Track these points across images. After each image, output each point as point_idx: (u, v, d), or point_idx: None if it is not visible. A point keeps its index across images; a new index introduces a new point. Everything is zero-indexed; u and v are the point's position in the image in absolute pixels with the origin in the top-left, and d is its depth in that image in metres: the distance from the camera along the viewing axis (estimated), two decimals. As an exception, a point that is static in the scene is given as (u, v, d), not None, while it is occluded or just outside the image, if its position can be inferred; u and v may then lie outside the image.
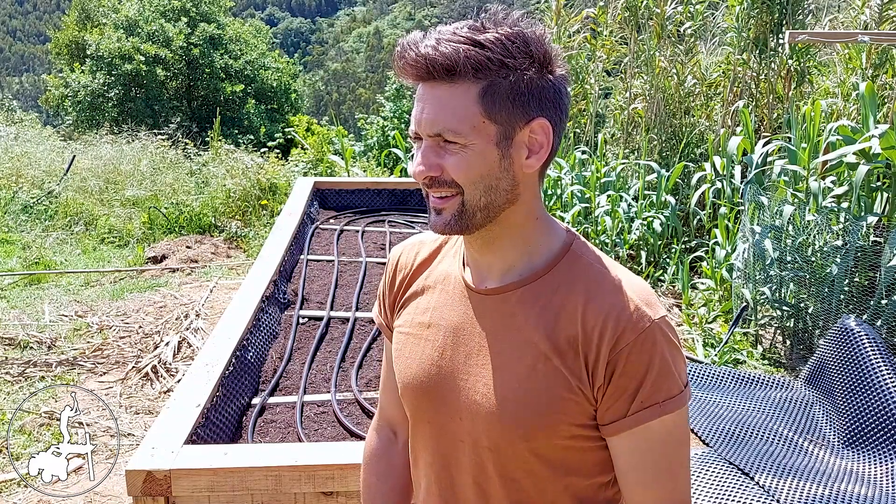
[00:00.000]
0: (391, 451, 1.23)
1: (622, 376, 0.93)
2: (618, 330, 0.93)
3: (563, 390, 0.96)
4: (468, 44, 0.90)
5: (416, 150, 0.97)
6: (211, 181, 8.18)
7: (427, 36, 0.92)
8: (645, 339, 0.93)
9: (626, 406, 0.94)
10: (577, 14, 8.59)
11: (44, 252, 6.27)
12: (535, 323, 0.98)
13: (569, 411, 0.96)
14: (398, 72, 0.95)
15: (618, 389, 0.94)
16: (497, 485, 1.02)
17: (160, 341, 4.32)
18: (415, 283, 1.12)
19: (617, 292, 0.96)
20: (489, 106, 0.91)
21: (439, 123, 0.92)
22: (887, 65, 6.10)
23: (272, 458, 1.60)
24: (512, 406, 0.97)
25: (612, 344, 0.93)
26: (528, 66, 0.92)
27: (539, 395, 0.96)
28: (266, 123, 20.00)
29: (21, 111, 15.37)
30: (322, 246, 3.61)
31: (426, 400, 1.06)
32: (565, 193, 6.71)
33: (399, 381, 1.11)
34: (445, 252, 1.12)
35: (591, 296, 0.96)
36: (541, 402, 0.96)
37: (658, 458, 0.97)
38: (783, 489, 2.99)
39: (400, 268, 1.15)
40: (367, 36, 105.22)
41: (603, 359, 0.93)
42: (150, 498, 1.55)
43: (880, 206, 4.50)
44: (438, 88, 0.91)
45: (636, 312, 0.94)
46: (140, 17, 19.64)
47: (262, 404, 2.08)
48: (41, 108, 26.42)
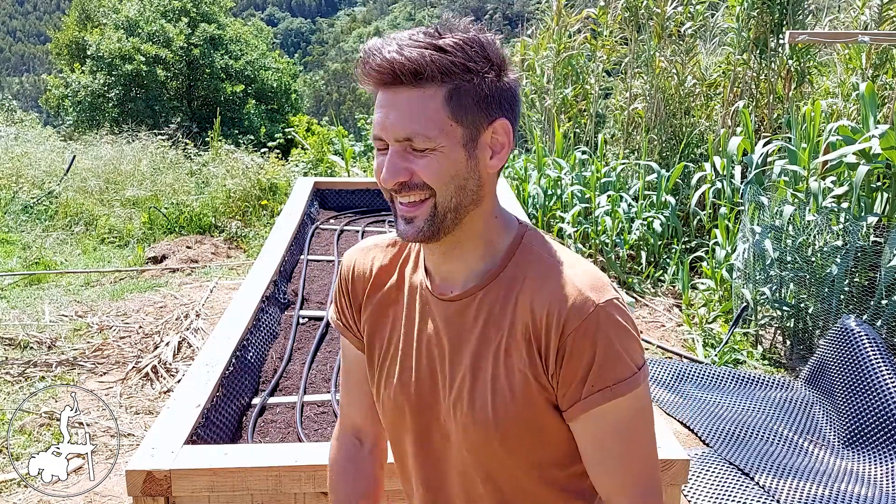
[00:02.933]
0: (358, 457, 1.23)
1: (570, 362, 0.95)
2: (562, 317, 0.95)
3: (525, 383, 0.98)
4: (431, 49, 0.91)
5: (379, 157, 0.97)
6: (211, 181, 8.18)
7: (387, 42, 0.92)
8: (589, 324, 0.94)
9: (579, 391, 0.96)
10: (578, 14, 8.59)
11: (44, 252, 6.27)
12: (495, 322, 1.01)
13: (535, 402, 0.99)
14: (362, 79, 0.95)
15: (568, 375, 0.96)
16: (480, 487, 1.05)
17: (160, 341, 4.32)
18: (378, 292, 1.13)
19: (562, 280, 0.98)
20: (455, 109, 0.92)
21: (408, 128, 0.92)
22: (887, 65, 6.10)
23: (272, 458, 1.60)
24: (485, 407, 1.00)
25: (559, 331, 0.95)
26: (489, 70, 0.94)
27: (506, 392, 0.99)
28: (266, 124, 20.01)
29: (21, 111, 15.38)
30: (322, 246, 3.61)
31: (408, 411, 1.08)
32: (565, 193, 6.71)
33: (376, 393, 1.13)
34: (404, 258, 1.12)
35: (539, 286, 0.99)
36: (509, 399, 0.99)
37: (617, 442, 0.98)
38: (783, 489, 2.99)
39: (357, 275, 1.15)
40: (367, 36, 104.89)
41: (553, 346, 0.96)
42: (150, 498, 1.55)
43: (880, 206, 4.50)
44: (404, 93, 0.92)
45: (579, 298, 0.95)
46: (140, 18, 19.65)
47: (262, 404, 2.08)
48: (41, 108, 26.42)
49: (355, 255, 1.17)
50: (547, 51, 8.56)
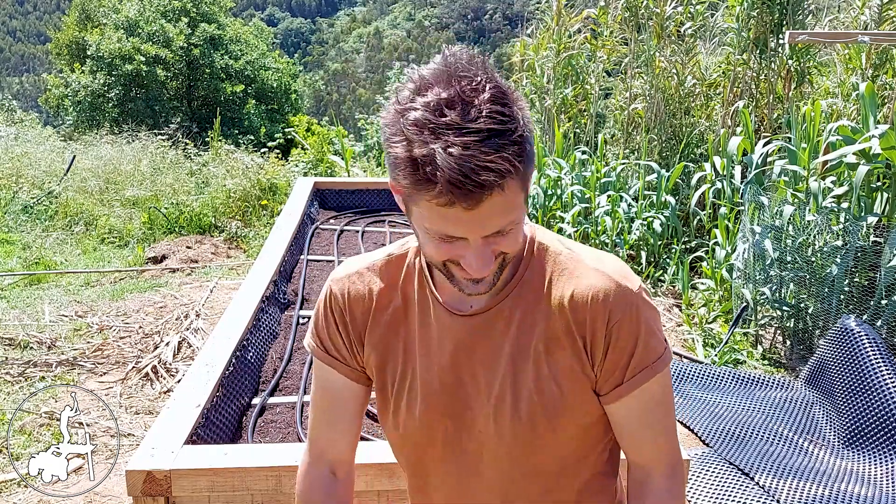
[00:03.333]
0: (336, 491, 1.17)
1: (615, 349, 1.00)
2: (607, 308, 0.99)
3: (573, 378, 1.02)
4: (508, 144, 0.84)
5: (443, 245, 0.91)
6: (211, 181, 8.18)
7: (462, 158, 0.81)
8: (632, 313, 0.99)
9: (623, 374, 1.01)
10: (578, 14, 8.59)
11: (44, 252, 6.27)
12: (528, 326, 1.02)
13: (582, 392, 1.03)
14: (445, 202, 0.84)
15: (613, 362, 1.01)
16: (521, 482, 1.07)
17: (160, 341, 4.32)
18: (383, 315, 1.08)
19: (596, 273, 1.01)
20: (526, 182, 0.91)
21: (498, 225, 0.89)
22: (887, 65, 6.10)
23: (272, 458, 1.60)
24: (533, 409, 1.02)
25: (605, 322, 0.99)
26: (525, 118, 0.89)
27: (554, 390, 1.02)
28: (266, 124, 20.02)
29: (21, 111, 15.40)
30: (322, 246, 3.61)
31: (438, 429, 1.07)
32: (565, 193, 6.71)
33: (392, 418, 1.10)
34: (404, 277, 1.09)
35: (571, 282, 1.01)
36: (558, 396, 1.02)
37: (657, 415, 1.06)
38: (783, 489, 2.99)
39: (354, 301, 1.09)
40: (367, 36, 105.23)
41: (599, 337, 1.00)
42: (150, 498, 1.55)
43: (880, 206, 4.50)
44: (488, 201, 0.85)
45: (619, 289, 0.99)
46: (140, 18, 19.66)
47: (262, 404, 2.08)
48: (41, 108, 26.43)
49: (345, 282, 1.11)
50: (547, 51, 8.55)
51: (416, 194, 0.86)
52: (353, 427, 1.16)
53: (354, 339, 1.10)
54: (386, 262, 1.10)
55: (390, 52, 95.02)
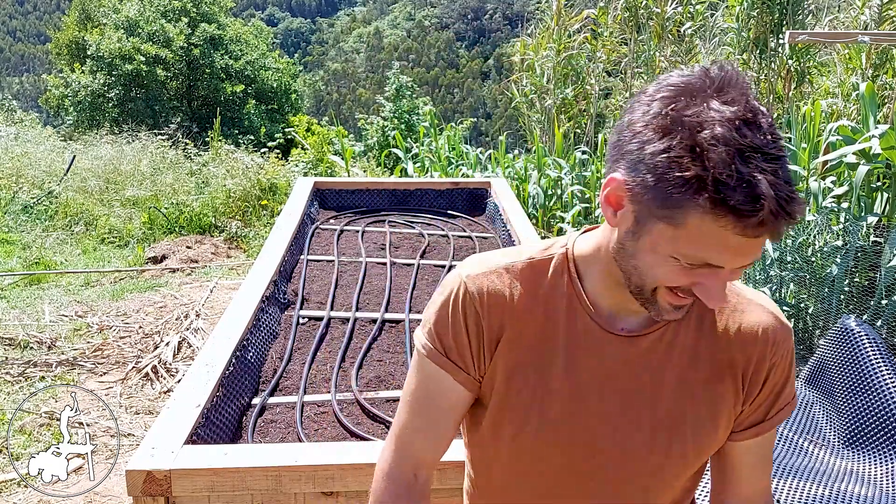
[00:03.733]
0: (416, 493, 1.11)
1: (767, 388, 1.00)
2: (771, 344, 0.98)
3: (728, 413, 1.00)
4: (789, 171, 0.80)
5: (682, 273, 0.85)
6: (211, 181, 8.18)
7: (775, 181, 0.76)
8: (788, 353, 0.99)
9: (766, 412, 1.01)
10: (578, 14, 8.60)
11: (44, 252, 6.28)
12: (692, 356, 0.98)
13: (726, 431, 1.01)
14: (739, 230, 0.78)
15: (761, 400, 1.01)
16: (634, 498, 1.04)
17: (160, 341, 4.32)
18: (524, 323, 0.99)
19: (760, 309, 1.00)
20: None
21: (756, 255, 0.84)
22: (887, 65, 6.10)
23: (272, 458, 1.60)
24: (685, 441, 0.99)
25: (768, 361, 0.98)
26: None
27: (707, 424, 0.99)
28: (266, 124, 20.02)
29: (21, 111, 15.40)
30: (322, 246, 3.61)
31: (573, 451, 1.01)
32: (565, 193, 6.71)
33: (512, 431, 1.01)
34: (546, 288, 0.99)
35: (737, 315, 0.99)
36: (711, 430, 0.99)
37: (771, 451, 1.07)
38: (783, 489, 2.99)
39: (493, 302, 0.98)
40: (367, 36, 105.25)
41: (759, 376, 0.99)
42: (150, 498, 1.55)
43: (880, 206, 4.50)
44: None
45: (780, 327, 0.99)
46: (140, 18, 19.67)
47: (262, 404, 2.08)
48: (41, 108, 26.43)
49: (482, 279, 0.99)
50: (547, 51, 8.56)
51: (689, 215, 0.78)
52: (449, 433, 1.07)
53: (485, 345, 0.99)
54: (528, 265, 1.00)
55: (390, 52, 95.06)
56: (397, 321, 2.65)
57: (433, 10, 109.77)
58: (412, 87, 13.18)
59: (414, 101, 12.75)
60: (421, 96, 14.09)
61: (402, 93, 12.57)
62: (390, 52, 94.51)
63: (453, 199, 4.28)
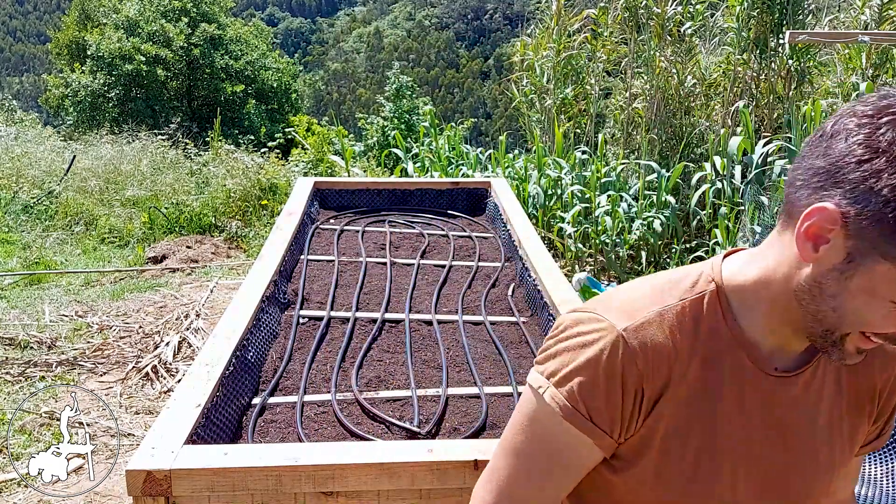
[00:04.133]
0: None
1: (883, 414, 1.01)
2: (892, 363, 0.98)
3: (857, 441, 1.00)
4: None
5: None
6: (211, 181, 8.18)
7: None
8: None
9: (881, 428, 1.02)
10: (578, 14, 8.60)
11: (44, 252, 6.27)
12: (837, 392, 0.96)
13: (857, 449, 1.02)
14: None
15: (881, 417, 1.01)
16: None
17: (160, 341, 4.32)
18: (687, 375, 0.89)
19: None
20: None
21: None
22: (887, 65, 6.10)
23: (272, 458, 1.60)
24: (833, 479, 0.99)
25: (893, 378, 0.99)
26: None
27: (847, 452, 0.99)
28: (266, 123, 20.04)
29: (21, 111, 15.39)
30: (322, 246, 3.60)
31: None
32: (565, 193, 6.71)
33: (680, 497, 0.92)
34: (696, 327, 0.90)
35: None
36: (848, 453, 0.99)
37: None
38: (783, 489, 2.99)
39: (656, 358, 0.87)
40: (367, 36, 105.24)
41: (886, 394, 0.99)
42: (150, 498, 1.55)
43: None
44: None
45: None
46: (140, 18, 19.68)
47: (262, 404, 2.08)
48: (41, 108, 26.43)
49: (644, 333, 0.87)
50: (547, 51, 8.56)
51: None
52: (568, 492, 0.96)
53: (644, 404, 0.88)
54: (682, 307, 0.90)
55: (390, 52, 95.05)
56: (397, 321, 2.65)
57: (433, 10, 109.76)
58: (412, 86, 13.19)
59: (414, 101, 12.75)
60: (421, 96, 14.10)
61: (402, 93, 12.57)
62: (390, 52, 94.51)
63: (453, 198, 4.28)
